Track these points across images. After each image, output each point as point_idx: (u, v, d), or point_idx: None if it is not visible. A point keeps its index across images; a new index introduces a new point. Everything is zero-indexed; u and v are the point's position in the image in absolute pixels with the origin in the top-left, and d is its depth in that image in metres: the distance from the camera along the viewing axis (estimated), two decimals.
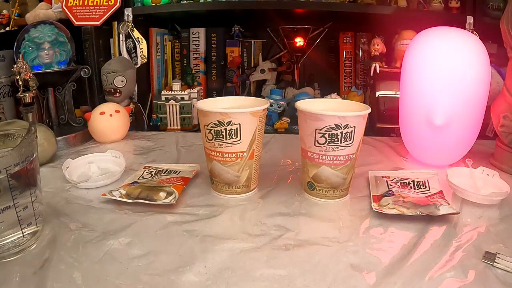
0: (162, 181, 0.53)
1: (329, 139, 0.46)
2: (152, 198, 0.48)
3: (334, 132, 0.46)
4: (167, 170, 0.59)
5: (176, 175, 0.56)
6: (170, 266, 0.36)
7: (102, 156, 0.64)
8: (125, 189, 0.50)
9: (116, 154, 0.64)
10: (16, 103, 0.88)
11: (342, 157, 0.47)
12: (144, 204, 0.48)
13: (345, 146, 0.47)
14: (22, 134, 0.39)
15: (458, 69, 0.58)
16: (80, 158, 0.62)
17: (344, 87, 1.10)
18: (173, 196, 0.48)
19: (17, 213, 0.37)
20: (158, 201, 0.47)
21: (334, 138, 0.46)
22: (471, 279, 0.34)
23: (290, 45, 1.09)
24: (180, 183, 0.52)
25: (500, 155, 0.65)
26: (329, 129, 0.46)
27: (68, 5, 0.91)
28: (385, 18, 0.95)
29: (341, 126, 0.46)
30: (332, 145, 0.47)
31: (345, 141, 0.46)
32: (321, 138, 0.47)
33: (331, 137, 0.46)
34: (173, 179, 0.54)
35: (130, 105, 0.93)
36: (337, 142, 0.46)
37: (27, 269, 0.36)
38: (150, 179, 0.55)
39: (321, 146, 0.47)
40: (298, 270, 0.36)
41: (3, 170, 0.35)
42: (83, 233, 0.42)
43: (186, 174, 0.57)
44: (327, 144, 0.47)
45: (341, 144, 0.47)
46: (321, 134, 0.47)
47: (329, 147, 0.47)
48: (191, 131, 0.94)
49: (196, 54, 1.11)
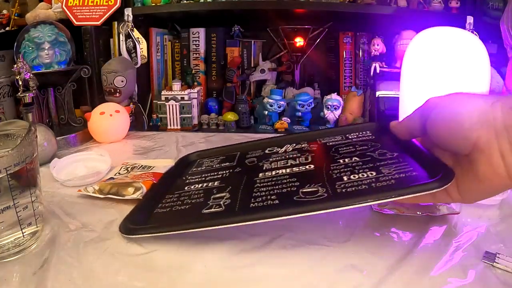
0: (135, 176, 0.55)
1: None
2: (121, 194, 0.50)
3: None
4: (141, 166, 0.60)
5: (149, 170, 0.58)
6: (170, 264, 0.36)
7: (88, 155, 0.66)
8: (99, 185, 0.52)
9: (102, 153, 0.65)
10: (16, 103, 0.88)
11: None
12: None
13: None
14: (22, 134, 0.39)
15: (458, 69, 0.58)
16: (67, 157, 0.64)
17: (344, 87, 1.10)
18: (141, 191, 0.50)
19: (17, 213, 0.37)
20: (126, 196, 0.49)
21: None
22: (471, 279, 0.34)
23: (290, 45, 1.09)
24: (150, 178, 0.54)
25: None
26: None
27: (68, 5, 0.91)
28: (385, 18, 0.95)
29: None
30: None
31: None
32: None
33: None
34: (144, 175, 0.55)
35: (130, 105, 0.93)
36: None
37: (27, 269, 0.36)
38: (125, 174, 0.57)
39: None
40: (298, 270, 0.36)
41: (3, 170, 0.35)
42: (83, 233, 0.42)
43: (159, 170, 0.58)
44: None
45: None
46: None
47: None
48: (191, 131, 0.94)
49: (196, 54, 1.11)
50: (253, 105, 1.06)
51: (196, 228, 0.38)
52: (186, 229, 0.39)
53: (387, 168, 0.41)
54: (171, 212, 0.44)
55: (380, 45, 0.94)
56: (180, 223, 0.41)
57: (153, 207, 0.46)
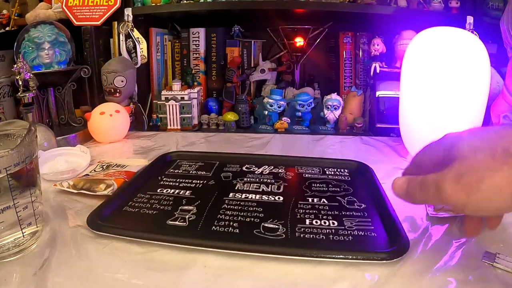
0: (108, 174, 0.57)
1: None
2: (93, 190, 0.51)
3: None
4: (116, 164, 0.62)
5: (122, 169, 0.60)
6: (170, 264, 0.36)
7: (70, 151, 0.67)
8: (73, 181, 0.53)
9: (84, 150, 0.67)
10: (16, 103, 0.88)
11: None
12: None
13: None
14: (22, 134, 0.39)
15: (458, 69, 0.58)
16: (50, 151, 0.65)
17: (344, 87, 1.10)
18: (112, 188, 0.51)
19: (17, 213, 0.37)
20: (97, 192, 0.51)
21: None
22: (471, 279, 0.34)
23: (290, 45, 1.09)
24: (122, 176, 0.56)
25: None
26: None
27: (68, 5, 0.91)
28: (385, 18, 0.95)
29: None
30: None
31: None
32: None
33: None
34: (117, 173, 0.57)
35: (130, 105, 0.93)
36: None
37: (27, 269, 0.36)
38: (100, 172, 0.59)
39: None
40: (298, 270, 0.36)
41: (3, 170, 0.35)
42: (83, 233, 0.42)
43: (132, 169, 0.59)
44: None
45: None
46: None
47: None
48: (191, 131, 0.94)
49: (196, 54, 1.11)
50: (253, 105, 1.06)
51: (156, 241, 0.39)
52: (147, 238, 0.40)
53: (349, 220, 0.43)
54: (139, 215, 0.46)
55: (380, 45, 0.94)
56: (144, 230, 0.42)
57: (123, 204, 0.48)
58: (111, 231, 0.41)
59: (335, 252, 0.37)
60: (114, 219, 0.44)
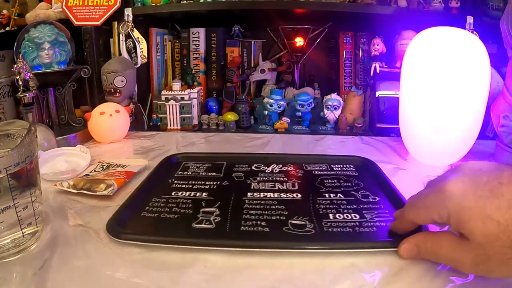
0: (108, 174, 0.57)
1: None
2: (93, 190, 0.51)
3: None
4: (116, 164, 0.61)
5: (122, 169, 0.59)
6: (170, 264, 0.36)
7: (70, 151, 0.67)
8: (73, 181, 0.53)
9: (84, 150, 0.66)
10: (16, 103, 0.88)
11: None
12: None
13: None
14: (22, 134, 0.39)
15: (458, 69, 0.58)
16: (50, 151, 0.65)
17: (344, 87, 1.10)
18: (111, 188, 0.51)
19: (17, 213, 0.37)
20: (97, 192, 0.51)
21: None
22: (471, 279, 0.34)
23: (290, 45, 1.09)
24: (122, 176, 0.56)
25: (500, 155, 0.65)
26: None
27: (68, 5, 0.91)
28: (385, 18, 0.95)
29: None
30: None
31: None
32: None
33: None
34: (117, 173, 0.57)
35: (130, 105, 0.93)
36: None
37: (27, 269, 0.36)
38: (100, 172, 0.59)
39: None
40: (299, 269, 0.36)
41: (3, 170, 0.35)
42: (82, 232, 0.42)
43: (132, 169, 0.59)
44: None
45: None
46: None
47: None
48: (191, 131, 0.94)
49: (196, 54, 1.11)
50: (253, 105, 1.06)
51: (187, 245, 0.39)
52: (176, 243, 0.39)
53: (369, 213, 0.45)
54: (160, 219, 0.44)
55: (380, 45, 0.94)
56: (170, 234, 0.41)
57: (140, 210, 0.46)
58: (138, 239, 0.39)
59: (367, 243, 0.39)
60: (134, 226, 0.43)
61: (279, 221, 0.43)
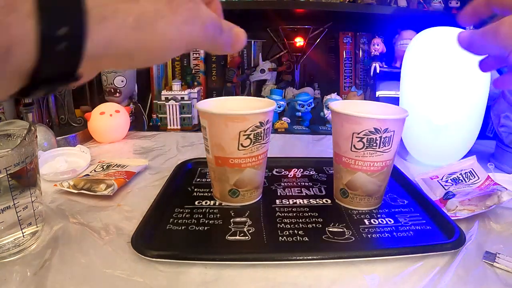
0: (109, 174, 0.57)
1: (367, 144, 0.43)
2: (93, 190, 0.51)
3: (372, 136, 0.43)
4: (116, 164, 0.61)
5: (122, 169, 0.59)
6: (170, 263, 0.36)
7: (70, 151, 0.67)
8: (73, 181, 0.53)
9: (84, 150, 0.66)
10: (16, 103, 0.88)
11: (380, 163, 0.44)
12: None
13: (383, 151, 0.44)
14: (22, 134, 0.39)
15: (458, 69, 0.58)
16: (50, 151, 0.65)
17: (344, 87, 1.10)
18: (112, 188, 0.51)
19: (17, 213, 0.37)
20: (98, 192, 0.51)
21: (373, 143, 0.43)
22: (471, 279, 0.34)
23: (290, 45, 1.09)
24: (122, 176, 0.56)
25: (500, 155, 0.65)
26: (368, 133, 0.42)
27: None
28: (385, 18, 0.95)
29: (380, 130, 0.42)
30: (369, 150, 0.43)
31: (383, 146, 0.43)
32: (359, 143, 0.43)
33: (369, 142, 0.43)
34: (117, 173, 0.57)
35: (130, 105, 0.93)
36: (375, 147, 0.43)
37: (27, 269, 0.36)
38: (100, 172, 0.59)
39: (358, 151, 0.44)
40: (299, 269, 0.36)
41: (3, 170, 0.35)
42: (83, 232, 0.42)
43: (132, 169, 0.59)
44: (365, 149, 0.44)
45: (379, 149, 0.43)
46: (358, 139, 0.43)
47: (367, 152, 0.44)
48: (191, 131, 0.94)
49: (196, 54, 1.11)
50: None
51: (227, 261, 0.36)
52: (214, 259, 0.36)
53: (402, 217, 0.44)
54: (188, 232, 0.41)
55: (380, 45, 0.94)
56: (205, 251, 0.38)
57: (165, 223, 0.43)
58: (170, 257, 0.36)
59: (410, 248, 0.38)
60: (161, 240, 0.40)
61: (316, 229, 0.42)
